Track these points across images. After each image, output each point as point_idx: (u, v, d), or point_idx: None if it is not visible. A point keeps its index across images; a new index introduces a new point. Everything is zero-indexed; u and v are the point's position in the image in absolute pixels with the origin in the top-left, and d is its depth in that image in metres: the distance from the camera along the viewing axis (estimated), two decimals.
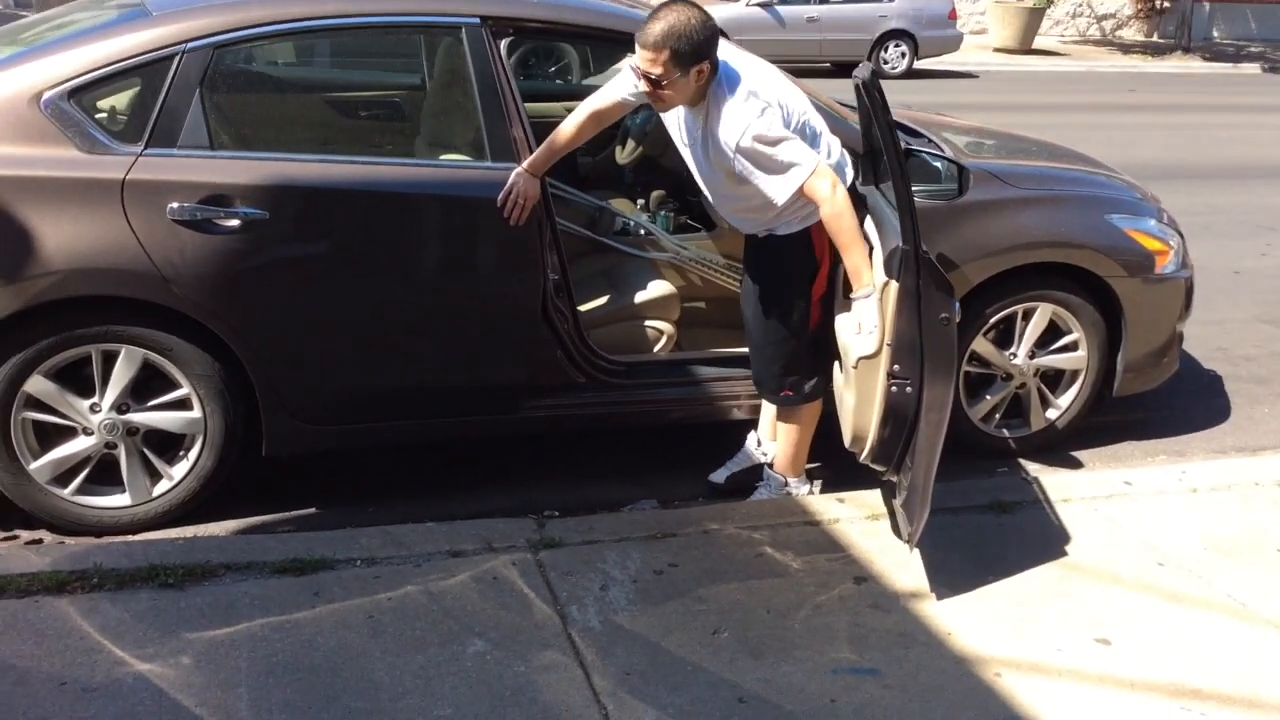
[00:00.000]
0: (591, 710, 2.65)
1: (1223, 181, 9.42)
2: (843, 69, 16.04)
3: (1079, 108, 14.03)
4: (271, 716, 2.56)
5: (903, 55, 16.71)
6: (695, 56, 3.08)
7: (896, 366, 3.06)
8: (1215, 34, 23.67)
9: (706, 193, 3.50)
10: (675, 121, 3.39)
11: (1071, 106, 14.13)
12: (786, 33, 15.71)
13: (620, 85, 3.43)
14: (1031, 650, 2.93)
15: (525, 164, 3.48)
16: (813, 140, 3.29)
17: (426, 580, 3.14)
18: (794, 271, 3.44)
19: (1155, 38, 23.23)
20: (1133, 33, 23.74)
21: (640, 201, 4.69)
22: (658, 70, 3.09)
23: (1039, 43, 21.06)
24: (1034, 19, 20.79)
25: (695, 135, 3.29)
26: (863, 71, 3.08)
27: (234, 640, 2.83)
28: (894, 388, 3.08)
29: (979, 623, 3.05)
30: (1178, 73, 19.44)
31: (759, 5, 15.90)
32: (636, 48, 3.12)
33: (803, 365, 3.53)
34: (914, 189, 3.12)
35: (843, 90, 4.23)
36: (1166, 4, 23.27)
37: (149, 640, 2.81)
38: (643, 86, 3.18)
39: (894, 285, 3.01)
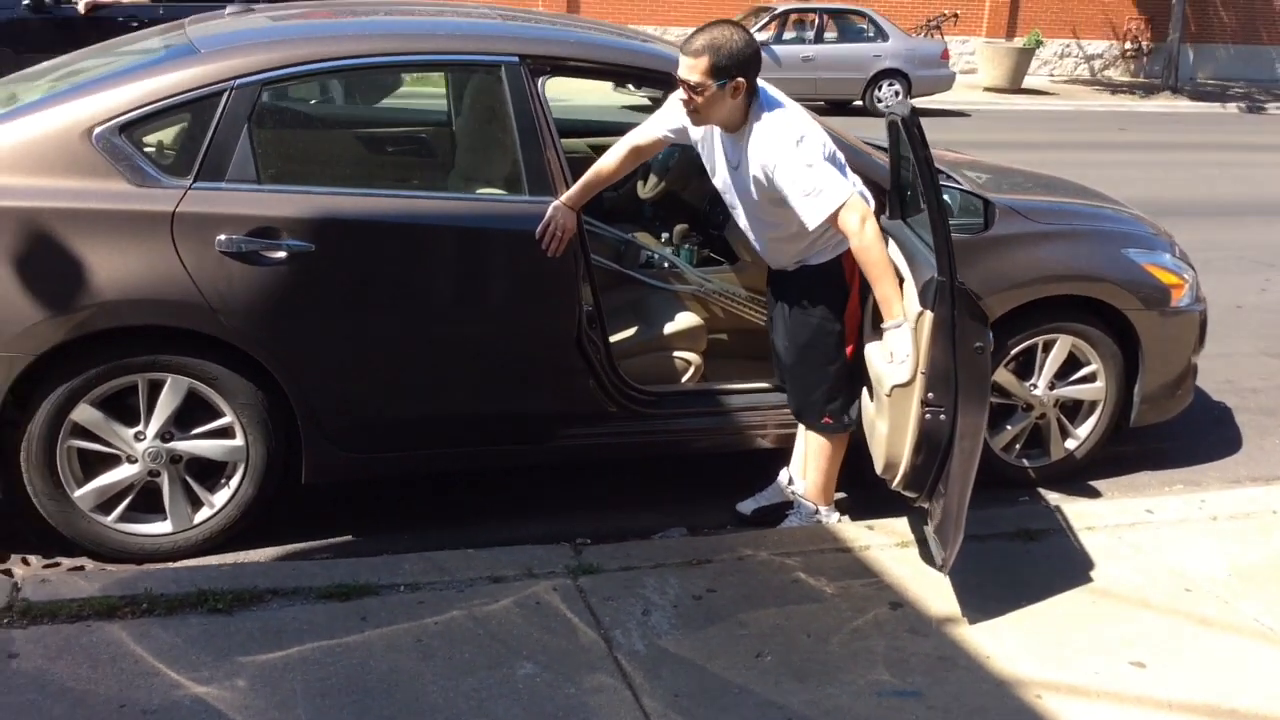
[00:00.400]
0: None
1: (1219, 219, 9.58)
2: (837, 107, 16.30)
3: (1071, 146, 14.23)
4: None
5: (896, 94, 16.92)
6: (732, 70, 3.19)
7: (931, 395, 3.14)
8: (1199, 74, 24.05)
9: (744, 221, 3.58)
10: (714, 149, 3.47)
11: (1064, 145, 14.33)
12: (783, 71, 15.90)
13: (661, 121, 3.53)
14: (1069, 673, 3.00)
15: (563, 198, 3.57)
16: (840, 172, 3.38)
17: (471, 605, 3.19)
18: (828, 300, 3.53)
19: (1141, 78, 23.60)
20: (1119, 73, 24.11)
21: (664, 235, 4.78)
22: (696, 77, 3.20)
23: (1028, 82, 21.37)
24: (1023, 59, 21.12)
25: (734, 160, 3.39)
26: (902, 109, 3.18)
27: (287, 663, 2.87)
28: (928, 415, 3.16)
29: (1016, 646, 3.11)
30: (1166, 112, 19.73)
31: None
32: (680, 56, 3.25)
33: (842, 392, 3.61)
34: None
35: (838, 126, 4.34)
36: (1152, 45, 23.66)
37: (203, 664, 2.85)
38: (681, 95, 3.29)
39: (928, 315, 3.09)
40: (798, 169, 3.22)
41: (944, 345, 3.08)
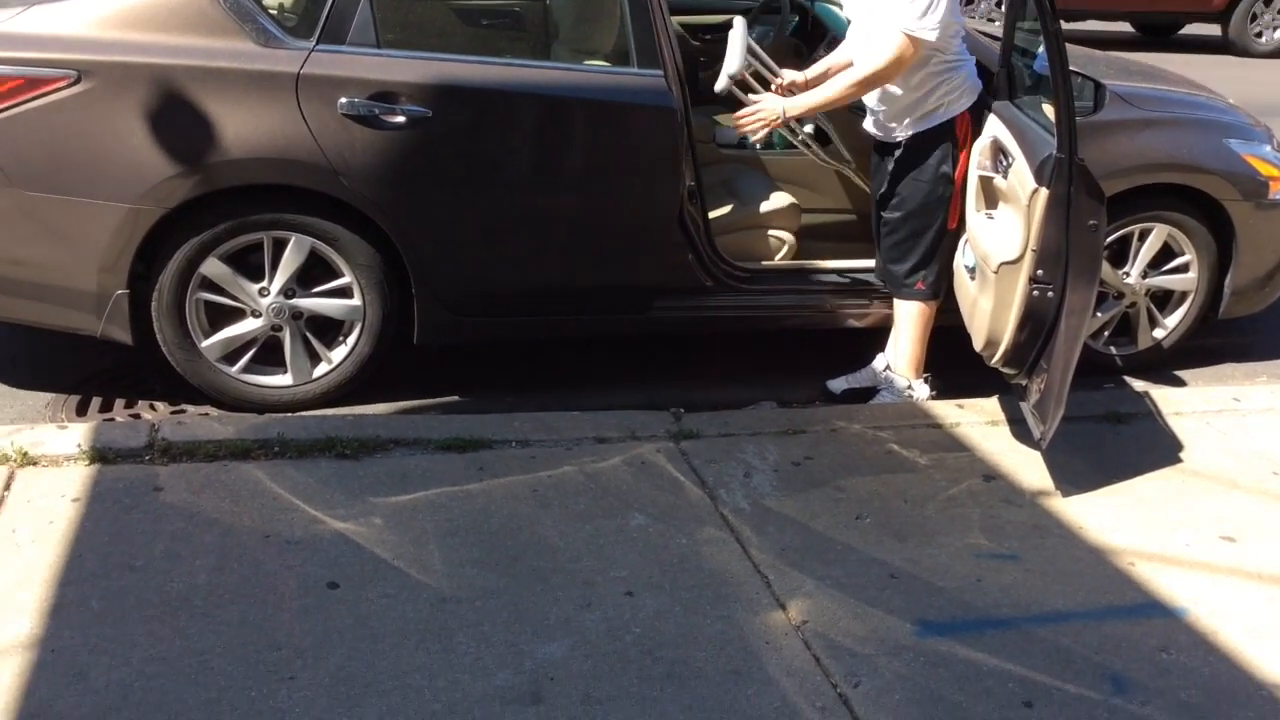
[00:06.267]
0: (754, 578, 2.85)
1: None
2: None
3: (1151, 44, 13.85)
4: (463, 571, 2.78)
5: None
6: None
7: (1040, 271, 3.20)
8: None
9: None
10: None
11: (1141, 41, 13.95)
12: None
13: None
14: (1161, 544, 3.10)
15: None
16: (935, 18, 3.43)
17: (580, 462, 3.33)
18: (942, 161, 3.63)
19: None
20: None
21: None
22: None
23: None
24: None
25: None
26: None
27: (415, 506, 3.04)
28: (1035, 292, 3.23)
29: (1107, 519, 3.22)
30: None
31: None
32: None
33: (936, 258, 3.73)
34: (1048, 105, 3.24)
35: None
36: None
37: (338, 503, 3.03)
38: None
39: (1043, 192, 3.13)
40: None
41: (1058, 222, 3.12)
